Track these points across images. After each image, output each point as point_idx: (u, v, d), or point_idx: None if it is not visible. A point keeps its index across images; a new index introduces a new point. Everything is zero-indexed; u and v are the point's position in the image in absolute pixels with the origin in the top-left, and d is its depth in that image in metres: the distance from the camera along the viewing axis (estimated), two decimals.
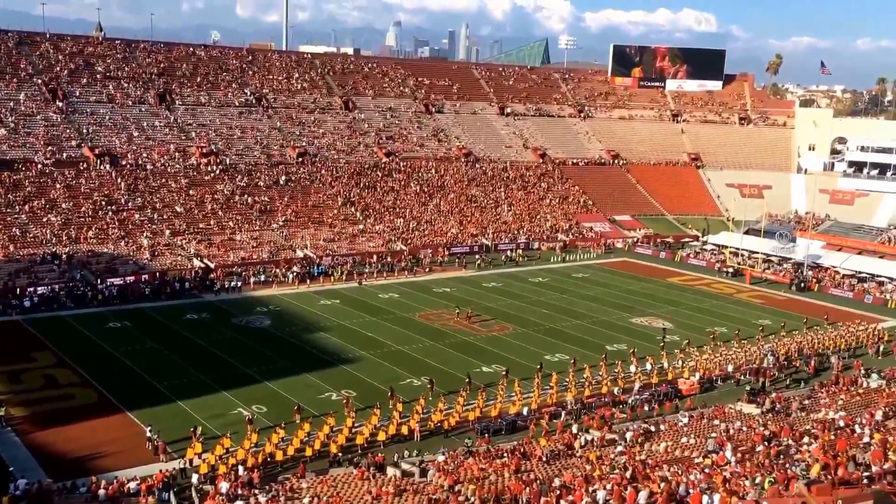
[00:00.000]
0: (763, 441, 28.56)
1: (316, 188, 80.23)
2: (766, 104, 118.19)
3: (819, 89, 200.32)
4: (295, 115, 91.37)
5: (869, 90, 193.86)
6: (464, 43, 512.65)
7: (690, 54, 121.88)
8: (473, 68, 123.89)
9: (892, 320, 57.43)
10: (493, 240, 78.54)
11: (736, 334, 50.65)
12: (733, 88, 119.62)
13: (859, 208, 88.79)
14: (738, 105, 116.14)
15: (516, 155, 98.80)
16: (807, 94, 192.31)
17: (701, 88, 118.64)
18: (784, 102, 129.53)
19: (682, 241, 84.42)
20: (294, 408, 34.97)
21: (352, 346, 46.29)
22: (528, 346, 47.77)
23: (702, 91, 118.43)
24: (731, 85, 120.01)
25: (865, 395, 38.00)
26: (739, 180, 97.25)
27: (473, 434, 34.09)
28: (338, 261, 67.52)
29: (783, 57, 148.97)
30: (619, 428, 34.19)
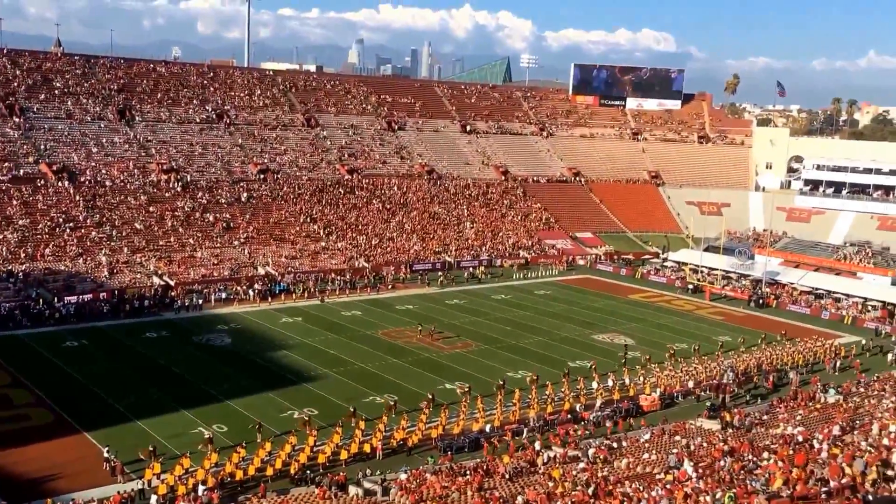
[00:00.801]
0: (723, 456, 28.82)
1: (278, 205, 79.75)
2: (724, 123, 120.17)
3: (776, 109, 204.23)
4: (257, 131, 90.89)
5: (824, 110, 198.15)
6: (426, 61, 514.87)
7: (650, 74, 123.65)
8: (436, 86, 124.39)
9: (848, 336, 58.43)
10: (456, 257, 78.65)
11: (696, 350, 51.18)
12: (692, 108, 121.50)
13: (816, 226, 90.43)
14: (696, 124, 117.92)
15: (479, 172, 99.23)
16: (764, 113, 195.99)
17: (660, 107, 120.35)
18: (742, 122, 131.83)
19: (642, 258, 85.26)
20: (255, 426, 34.55)
21: (314, 364, 45.92)
22: (491, 363, 47.78)
23: (661, 110, 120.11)
24: (689, 104, 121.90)
25: (823, 409, 38.56)
26: (699, 198, 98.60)
27: (436, 452, 33.95)
28: (300, 278, 67.11)
29: (740, 77, 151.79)
30: (582, 444, 34.28)
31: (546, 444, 34.37)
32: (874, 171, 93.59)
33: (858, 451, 25.68)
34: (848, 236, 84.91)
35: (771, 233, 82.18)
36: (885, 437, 28.37)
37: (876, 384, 43.27)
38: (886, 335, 58.89)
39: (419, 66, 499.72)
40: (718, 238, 78.22)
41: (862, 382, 44.34)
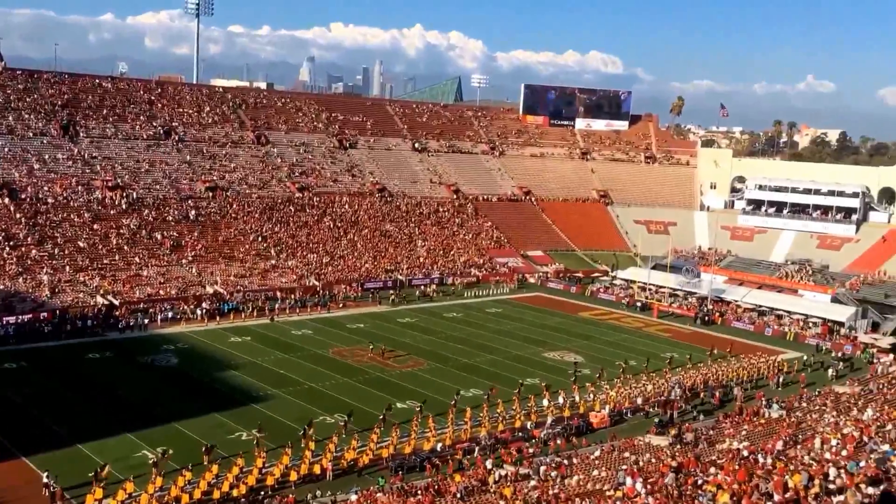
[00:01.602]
0: (671, 472, 29.11)
1: (227, 223, 78.89)
2: (670, 144, 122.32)
3: (719, 130, 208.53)
4: (206, 148, 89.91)
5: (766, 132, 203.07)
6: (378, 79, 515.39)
7: (598, 95, 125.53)
8: (387, 104, 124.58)
9: (790, 352, 59.68)
10: (408, 275, 78.57)
11: (645, 367, 51.77)
12: (639, 128, 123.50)
13: (758, 244, 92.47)
14: (643, 144, 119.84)
15: (430, 191, 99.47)
16: (708, 134, 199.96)
17: (609, 128, 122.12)
18: (687, 142, 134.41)
19: (592, 276, 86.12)
20: (202, 449, 33.93)
21: (263, 384, 45.37)
22: (443, 382, 47.73)
23: (609, 130, 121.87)
24: (637, 125, 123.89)
25: (767, 424, 39.23)
26: (646, 217, 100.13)
27: (387, 472, 33.73)
28: (249, 297, 66.35)
29: (685, 99, 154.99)
30: (533, 462, 34.35)
31: (498, 463, 34.37)
32: (813, 191, 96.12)
33: (801, 465, 26.16)
34: (789, 255, 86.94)
35: (716, 251, 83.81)
36: (827, 451, 28.95)
37: (818, 399, 44.18)
38: (827, 351, 60.27)
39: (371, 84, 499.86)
40: (665, 256, 79.47)
41: (804, 397, 45.25)
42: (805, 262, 79.59)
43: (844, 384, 48.35)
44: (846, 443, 29.36)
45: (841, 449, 28.63)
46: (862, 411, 36.72)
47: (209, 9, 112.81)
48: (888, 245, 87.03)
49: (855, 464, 24.24)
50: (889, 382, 45.77)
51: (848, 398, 42.69)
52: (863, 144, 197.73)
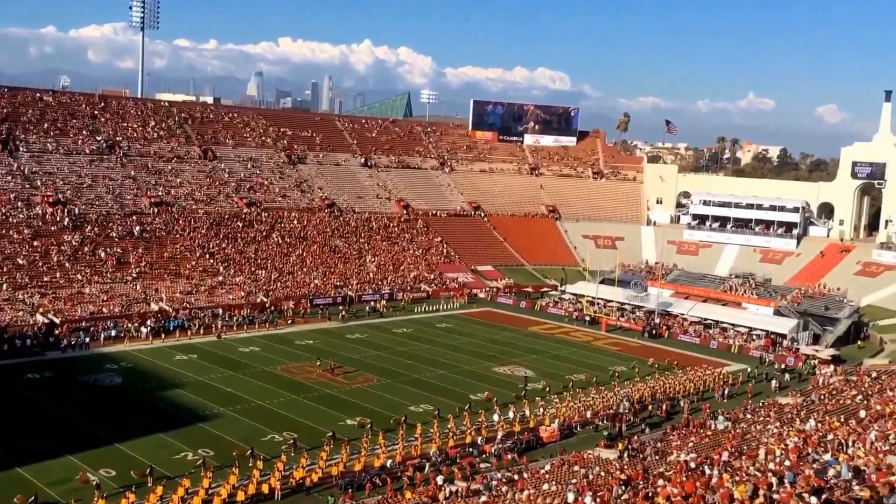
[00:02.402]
0: (620, 485, 29.32)
1: (173, 239, 77.68)
2: (616, 160, 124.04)
3: (665, 146, 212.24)
4: (151, 163, 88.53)
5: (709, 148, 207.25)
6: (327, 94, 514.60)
7: (547, 111, 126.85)
8: (336, 120, 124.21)
9: (735, 364, 60.71)
10: (357, 291, 78.17)
11: (594, 381, 52.20)
12: (587, 144, 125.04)
13: (703, 258, 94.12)
14: (591, 160, 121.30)
15: (380, 206, 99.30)
16: (654, 150, 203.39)
17: (557, 144, 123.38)
18: (633, 158, 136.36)
19: (541, 291, 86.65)
20: (146, 470, 33.19)
21: (210, 403, 44.61)
22: (393, 398, 47.50)
23: (557, 146, 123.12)
24: (584, 141, 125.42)
25: (713, 436, 39.80)
26: (594, 231, 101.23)
27: (336, 490, 33.39)
28: (195, 314, 65.32)
29: (631, 115, 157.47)
30: (484, 477, 34.31)
31: (449, 479, 34.25)
32: (756, 206, 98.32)
33: (747, 476, 26.56)
34: (733, 268, 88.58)
35: (662, 265, 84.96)
36: (771, 461, 29.46)
37: (762, 410, 45.01)
38: (770, 363, 61.47)
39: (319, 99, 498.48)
40: (613, 271, 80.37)
41: (749, 409, 46.05)
42: (748, 275, 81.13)
43: (787, 395, 49.34)
44: (790, 453, 29.92)
45: (784, 459, 29.17)
46: (804, 422, 37.48)
47: (154, 22, 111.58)
48: (827, 259, 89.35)
49: (792, 475, 24.66)
50: (830, 393, 46.83)
51: (791, 409, 43.57)
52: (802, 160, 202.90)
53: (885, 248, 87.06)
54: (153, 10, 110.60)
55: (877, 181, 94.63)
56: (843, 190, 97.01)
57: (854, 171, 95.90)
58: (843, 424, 34.13)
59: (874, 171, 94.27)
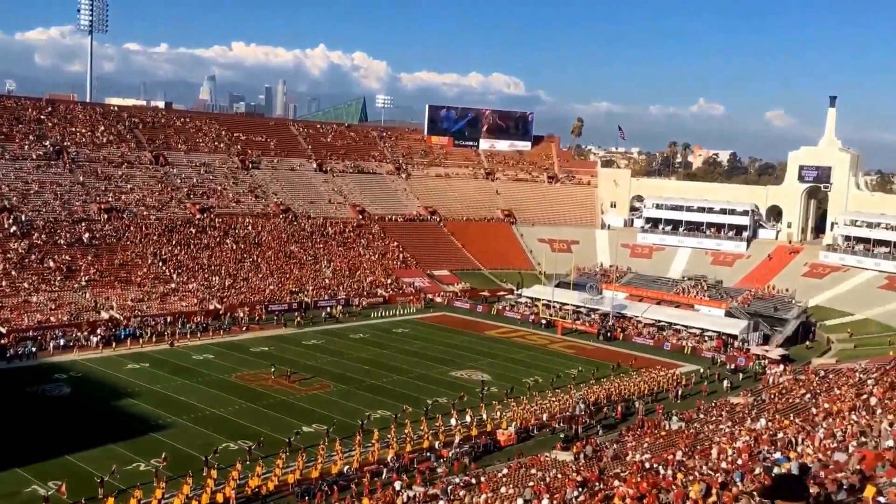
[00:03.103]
0: (577, 487, 29.55)
1: (123, 245, 76.40)
2: (571, 164, 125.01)
3: (618, 151, 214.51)
4: (100, 169, 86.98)
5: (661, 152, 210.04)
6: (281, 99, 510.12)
7: (502, 116, 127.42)
8: (291, 125, 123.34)
9: (688, 365, 61.56)
10: (313, 297, 77.66)
11: (551, 383, 52.54)
12: (541, 149, 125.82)
13: (656, 261, 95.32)
14: (546, 164, 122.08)
15: (335, 211, 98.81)
16: (607, 155, 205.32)
17: (512, 148, 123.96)
18: (587, 163, 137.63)
19: (497, 295, 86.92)
20: (98, 481, 32.55)
21: (162, 412, 43.94)
22: (350, 404, 47.27)
23: (513, 151, 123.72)
24: (539, 146, 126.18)
25: (668, 436, 40.32)
26: (549, 235, 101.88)
27: (293, 498, 33.10)
28: (147, 322, 64.30)
29: (585, 120, 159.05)
30: (442, 482, 34.31)
31: (407, 484, 34.17)
32: (707, 209, 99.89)
33: (700, 475, 26.95)
34: (685, 271, 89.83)
35: (616, 268, 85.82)
36: (724, 460, 29.92)
37: (714, 410, 45.72)
38: (722, 364, 62.43)
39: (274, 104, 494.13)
40: (568, 274, 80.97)
41: (702, 409, 46.73)
42: (700, 277, 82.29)
43: (738, 395, 50.17)
44: (741, 452, 30.42)
45: (736, 458, 29.64)
46: (755, 421, 38.15)
47: (103, 25, 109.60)
48: (776, 261, 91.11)
49: (740, 474, 25.06)
50: (780, 392, 47.73)
51: (742, 408, 44.33)
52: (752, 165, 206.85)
53: (831, 250, 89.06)
54: (102, 12, 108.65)
55: (823, 184, 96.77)
56: (791, 193, 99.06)
57: (801, 175, 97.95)
58: (792, 423, 34.80)
59: (820, 174, 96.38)
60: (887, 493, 17.17)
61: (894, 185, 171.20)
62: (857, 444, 25.80)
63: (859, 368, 49.13)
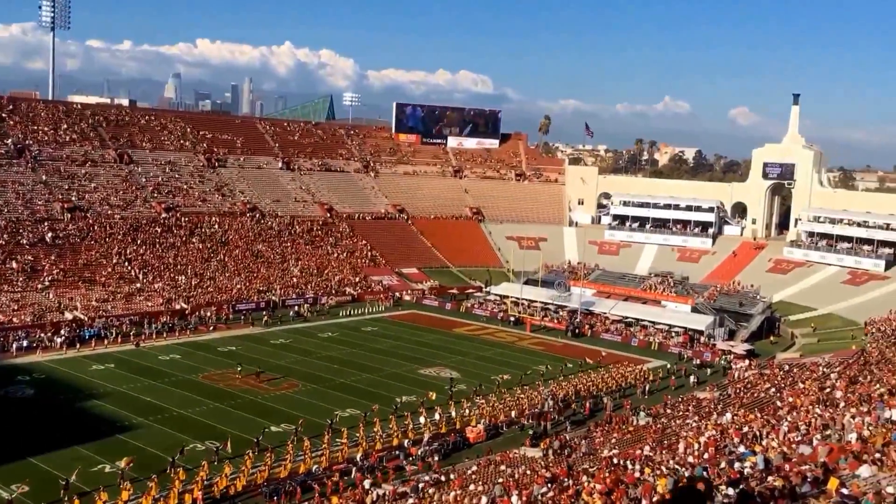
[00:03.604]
0: (546, 483, 29.68)
1: (88, 245, 75.36)
2: (539, 162, 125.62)
3: (585, 148, 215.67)
4: (63, 167, 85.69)
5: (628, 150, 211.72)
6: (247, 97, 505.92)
7: (469, 114, 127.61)
8: (258, 123, 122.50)
9: (655, 361, 62.13)
10: (281, 295, 77.21)
11: (520, 380, 52.73)
12: (509, 146, 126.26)
13: (624, 258, 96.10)
14: (514, 162, 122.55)
15: (303, 210, 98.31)
16: (575, 152, 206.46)
17: (480, 146, 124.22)
18: (555, 160, 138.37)
19: (466, 292, 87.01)
20: (62, 483, 32.09)
21: (128, 413, 43.44)
22: (319, 403, 47.07)
23: (481, 149, 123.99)
24: (507, 143, 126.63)
25: (635, 431, 40.65)
26: (518, 233, 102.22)
27: (262, 498, 32.90)
28: (112, 322, 63.50)
29: (553, 118, 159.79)
30: (411, 480, 34.31)
31: (376, 483, 34.12)
32: (673, 206, 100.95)
33: (667, 469, 27.20)
34: (652, 268, 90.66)
35: (584, 265, 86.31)
36: (690, 454, 30.22)
37: (680, 405, 46.17)
38: (688, 359, 63.09)
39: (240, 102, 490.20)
40: (537, 271, 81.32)
41: (669, 404, 47.17)
42: (666, 274, 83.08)
43: (705, 390, 50.75)
44: (707, 446, 30.75)
45: (703, 452, 29.96)
46: (721, 415, 38.58)
47: (66, 22, 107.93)
48: (741, 257, 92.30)
49: (701, 469, 25.30)
50: (745, 387, 48.33)
51: (708, 403, 44.82)
52: (717, 162, 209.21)
53: (795, 246, 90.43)
54: (64, 9, 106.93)
55: (786, 181, 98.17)
56: (755, 190, 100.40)
57: (765, 172, 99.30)
58: (757, 417, 35.26)
59: (784, 171, 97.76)
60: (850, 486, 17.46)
61: (857, 182, 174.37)
62: (821, 437, 26.21)
63: (823, 362, 49.87)
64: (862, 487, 17.33)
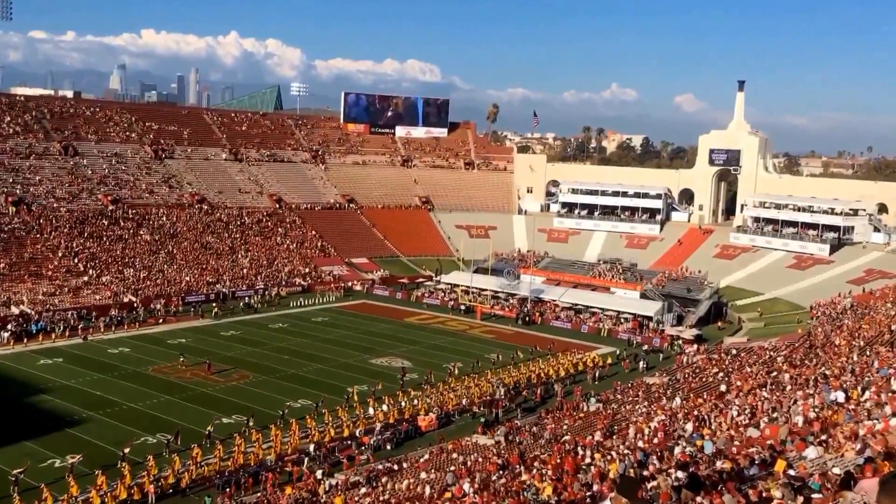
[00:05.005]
0: (498, 469, 30.14)
1: (33, 239, 73.82)
2: (487, 150, 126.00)
3: (534, 137, 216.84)
4: (7, 160, 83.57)
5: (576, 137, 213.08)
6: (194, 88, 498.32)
7: (418, 102, 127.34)
8: (204, 113, 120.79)
9: (605, 347, 63.10)
10: (231, 287, 76.59)
11: (472, 368, 53.19)
12: (458, 135, 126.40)
13: (573, 245, 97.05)
14: (462, 151, 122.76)
15: (252, 201, 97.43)
16: (523, 140, 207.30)
17: (428, 135, 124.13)
18: (504, 148, 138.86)
19: (416, 282, 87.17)
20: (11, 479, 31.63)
21: (77, 407, 42.89)
22: (270, 394, 46.98)
23: (429, 138, 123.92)
24: (455, 132, 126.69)
25: (586, 417, 41.36)
26: (467, 221, 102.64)
27: (214, 490, 32.84)
28: (60, 316, 62.41)
29: (501, 106, 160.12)
30: (363, 469, 34.53)
31: (328, 472, 34.28)
32: (621, 193, 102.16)
33: (618, 455, 27.81)
34: (601, 254, 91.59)
35: (534, 253, 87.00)
36: (640, 440, 30.91)
37: (630, 391, 47.04)
38: (638, 345, 64.19)
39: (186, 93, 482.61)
40: (487, 260, 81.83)
41: (618, 390, 48.02)
42: (615, 260, 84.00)
43: (654, 375, 51.72)
44: (657, 431, 31.47)
45: (653, 437, 30.67)
46: (670, 400, 39.44)
47: (7, 12, 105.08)
48: (688, 243, 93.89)
49: (644, 455, 25.86)
50: (693, 372, 49.39)
51: (657, 388, 45.73)
52: (664, 149, 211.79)
53: (741, 232, 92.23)
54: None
55: (732, 167, 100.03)
56: (702, 176, 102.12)
57: (711, 158, 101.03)
58: (706, 401, 36.11)
59: (730, 157, 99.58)
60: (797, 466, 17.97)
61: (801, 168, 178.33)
62: (768, 420, 26.94)
63: (769, 347, 51.06)
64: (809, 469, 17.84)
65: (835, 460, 18.48)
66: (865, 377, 29.31)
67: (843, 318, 54.13)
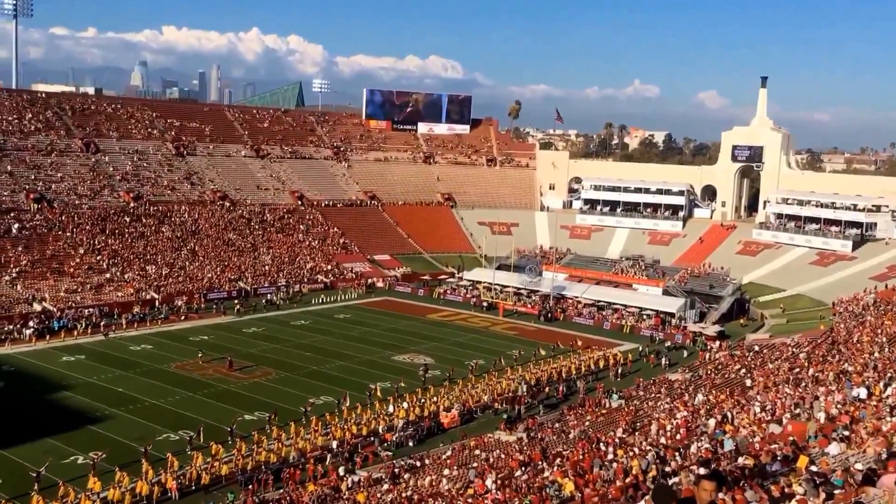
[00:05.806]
0: (520, 466, 29.91)
1: (55, 236, 74.39)
2: (510, 147, 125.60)
3: (556, 133, 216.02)
4: (29, 157, 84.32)
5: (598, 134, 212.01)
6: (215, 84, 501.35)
7: (440, 99, 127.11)
8: (226, 110, 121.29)
9: (627, 344, 62.63)
10: (253, 284, 76.80)
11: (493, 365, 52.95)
12: (480, 132, 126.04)
13: (595, 242, 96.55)
14: (485, 147, 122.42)
15: (273, 197, 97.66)
16: (545, 137, 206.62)
17: (450, 132, 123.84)
18: (526, 145, 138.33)
19: (439, 278, 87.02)
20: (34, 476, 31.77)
21: (100, 404, 43.07)
22: (292, 391, 46.96)
23: (451, 134, 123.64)
24: (477, 128, 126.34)
25: (608, 414, 41.03)
26: (489, 218, 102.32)
27: (237, 486, 32.82)
28: (82, 313, 62.80)
29: (523, 103, 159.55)
30: (386, 466, 34.40)
31: (350, 469, 34.17)
32: (643, 190, 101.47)
33: (640, 451, 27.51)
34: (623, 251, 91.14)
35: (556, 250, 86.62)
36: (663, 436, 30.58)
37: (653, 387, 46.64)
38: (661, 341, 63.68)
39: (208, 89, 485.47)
40: (509, 256, 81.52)
41: (641, 386, 47.63)
42: (638, 257, 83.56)
43: (676, 372, 51.27)
44: (679, 427, 31.12)
45: (675, 433, 30.33)
46: (693, 396, 39.04)
47: (28, 9, 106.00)
48: (710, 240, 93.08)
49: (655, 452, 25.58)
50: (716, 368, 48.91)
51: (680, 385, 45.31)
52: (686, 145, 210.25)
53: (763, 228, 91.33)
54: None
55: (755, 164, 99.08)
56: (724, 173, 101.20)
57: (734, 155, 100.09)
58: (728, 397, 35.71)
59: (752, 154, 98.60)
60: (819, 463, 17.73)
61: (824, 164, 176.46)
62: (791, 416, 26.59)
63: (792, 343, 50.54)
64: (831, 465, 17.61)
65: (857, 456, 18.21)
66: (888, 373, 28.86)
67: (866, 315, 53.39)
